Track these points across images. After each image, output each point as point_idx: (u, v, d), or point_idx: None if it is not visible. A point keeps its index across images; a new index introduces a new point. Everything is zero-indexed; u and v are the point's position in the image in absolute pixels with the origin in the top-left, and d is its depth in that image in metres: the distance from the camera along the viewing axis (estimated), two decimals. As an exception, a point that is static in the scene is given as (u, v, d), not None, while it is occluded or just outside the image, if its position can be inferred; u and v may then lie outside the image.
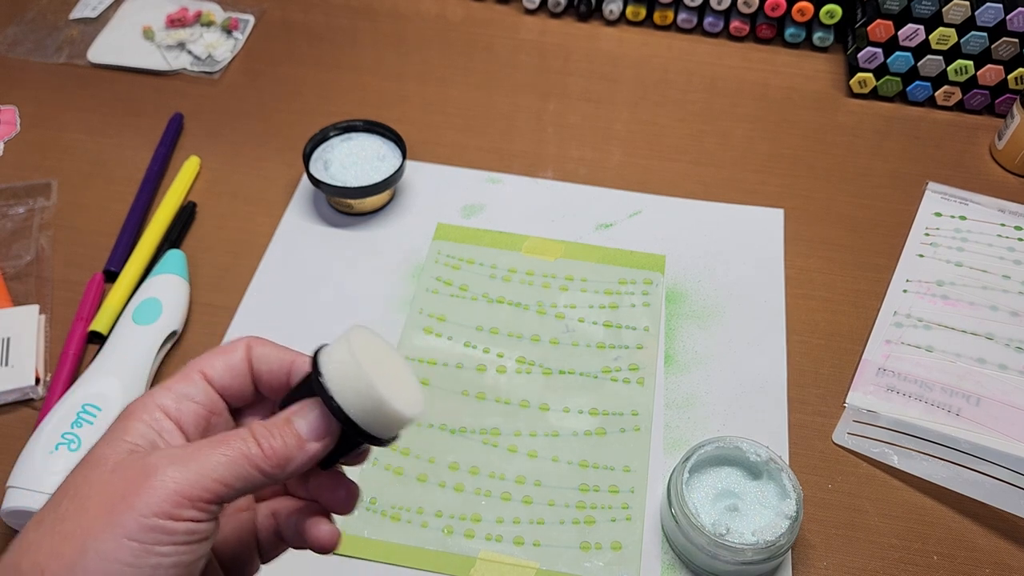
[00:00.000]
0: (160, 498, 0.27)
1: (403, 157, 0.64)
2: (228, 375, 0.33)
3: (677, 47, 0.81)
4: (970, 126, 0.74)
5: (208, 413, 0.32)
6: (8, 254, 0.62)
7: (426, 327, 0.59)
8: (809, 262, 0.63)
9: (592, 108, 0.75)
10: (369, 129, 0.66)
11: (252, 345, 0.34)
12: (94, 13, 0.81)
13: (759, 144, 0.72)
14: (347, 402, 0.30)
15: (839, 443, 0.54)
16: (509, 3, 0.84)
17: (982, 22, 0.69)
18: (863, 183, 0.69)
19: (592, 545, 0.49)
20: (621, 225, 0.65)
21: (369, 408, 0.30)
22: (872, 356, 0.58)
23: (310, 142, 0.65)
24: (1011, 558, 0.49)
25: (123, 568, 0.27)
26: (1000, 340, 0.58)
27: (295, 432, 0.30)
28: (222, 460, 0.29)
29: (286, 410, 0.31)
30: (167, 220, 0.64)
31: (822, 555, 0.49)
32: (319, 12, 0.83)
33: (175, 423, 0.31)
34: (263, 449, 0.30)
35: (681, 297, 0.61)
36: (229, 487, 0.29)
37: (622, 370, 0.57)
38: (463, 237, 0.64)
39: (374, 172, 0.63)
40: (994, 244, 0.64)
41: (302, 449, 0.30)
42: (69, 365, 0.55)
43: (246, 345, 0.34)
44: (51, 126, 0.72)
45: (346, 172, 0.63)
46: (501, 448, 0.53)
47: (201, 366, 0.33)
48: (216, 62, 0.77)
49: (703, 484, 0.48)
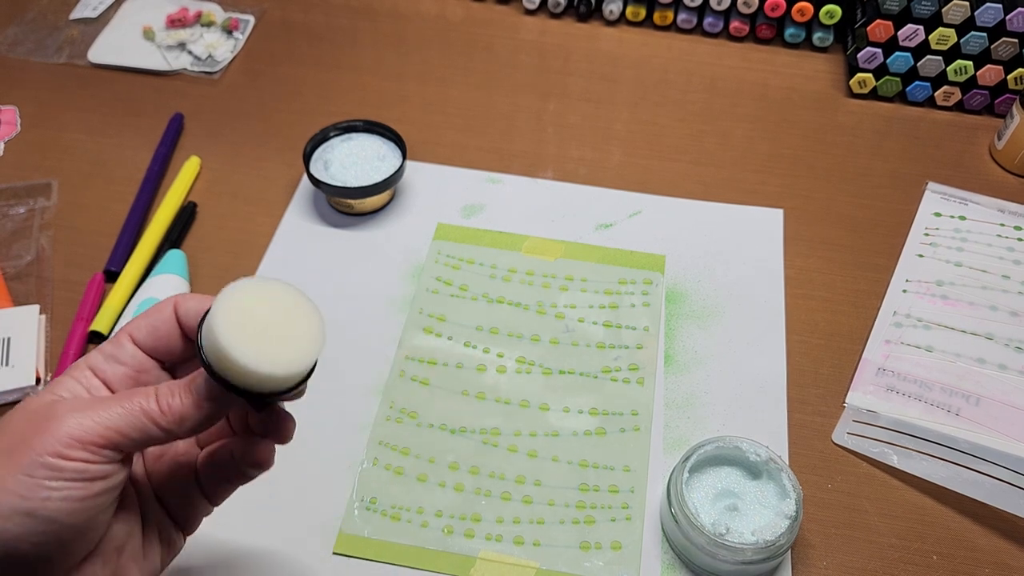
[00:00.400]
0: (55, 439, 0.31)
1: (403, 157, 0.64)
2: (152, 336, 0.36)
3: (677, 47, 0.81)
4: (970, 126, 0.74)
5: (136, 373, 0.36)
6: (9, 254, 0.62)
7: (426, 327, 0.59)
8: (809, 262, 0.64)
9: (592, 108, 0.75)
10: (369, 129, 0.66)
11: (179, 303, 0.36)
12: (94, 13, 0.81)
13: (759, 144, 0.72)
14: (217, 364, 0.32)
15: (839, 443, 0.54)
16: (509, 3, 0.84)
17: (982, 22, 0.69)
18: (863, 183, 0.69)
19: (592, 545, 0.49)
20: (621, 225, 0.65)
21: (233, 369, 0.31)
22: (872, 356, 0.58)
23: (310, 142, 0.65)
24: (1010, 558, 0.49)
25: (16, 499, 0.30)
26: (1000, 340, 0.58)
27: (194, 392, 0.33)
28: (120, 412, 0.32)
29: (195, 372, 0.34)
30: (167, 220, 0.64)
31: (822, 555, 0.49)
32: (319, 12, 0.83)
33: (102, 381, 0.35)
34: (160, 406, 0.33)
35: (681, 297, 0.61)
36: (125, 436, 0.32)
37: (622, 370, 0.57)
38: (463, 237, 0.64)
39: (374, 172, 0.63)
40: (993, 244, 0.64)
41: (199, 408, 0.33)
42: (69, 365, 0.55)
43: (173, 303, 0.36)
44: (51, 126, 0.72)
45: (346, 172, 0.63)
46: (501, 448, 0.53)
47: (129, 329, 0.36)
48: (216, 62, 0.77)
49: (703, 484, 0.48)
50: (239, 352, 0.31)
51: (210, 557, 0.48)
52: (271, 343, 0.32)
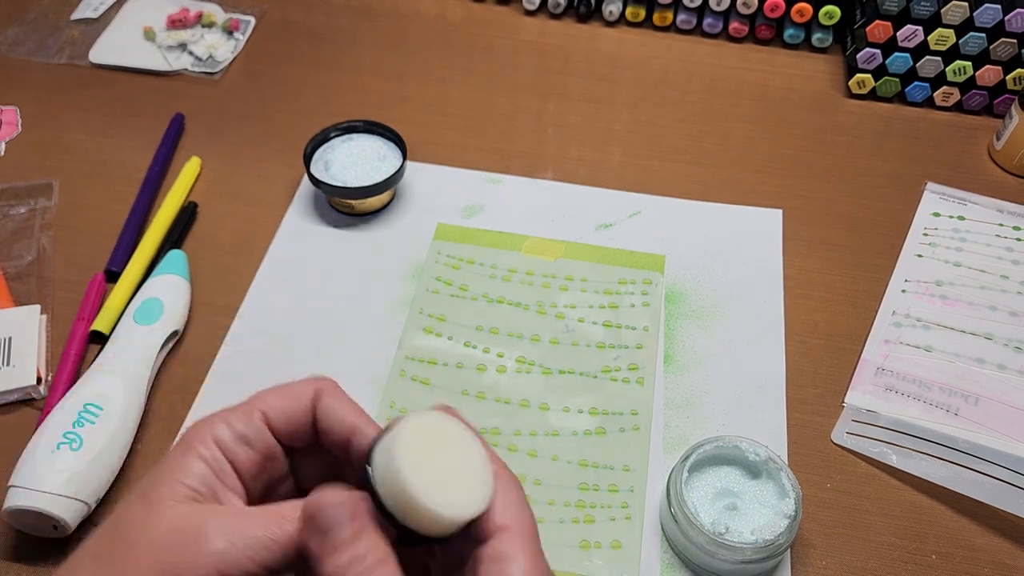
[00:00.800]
0: (201, 573, 0.28)
1: (403, 158, 0.65)
2: (289, 424, 0.32)
3: (676, 48, 0.81)
4: (969, 126, 0.74)
5: (264, 460, 0.32)
6: (9, 254, 0.62)
7: (426, 327, 0.59)
8: (808, 262, 0.64)
9: (592, 109, 0.75)
10: (369, 130, 0.66)
11: (321, 395, 0.32)
12: (95, 14, 0.81)
13: (758, 145, 0.72)
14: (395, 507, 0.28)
15: (838, 442, 0.54)
16: (509, 4, 0.85)
17: (981, 23, 0.69)
18: (862, 183, 0.69)
19: (592, 544, 0.49)
20: (621, 225, 0.65)
21: (410, 511, 0.28)
22: (871, 356, 0.58)
23: (311, 142, 0.65)
24: (1009, 557, 0.50)
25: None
26: (999, 340, 0.58)
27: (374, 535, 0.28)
28: (269, 545, 0.28)
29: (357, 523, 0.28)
30: (168, 220, 0.64)
31: (821, 554, 0.49)
32: (319, 13, 0.83)
33: (231, 463, 0.31)
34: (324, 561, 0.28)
35: (680, 297, 0.61)
36: (270, 571, 0.29)
37: (622, 370, 0.57)
38: (463, 237, 0.64)
39: (375, 172, 0.63)
40: (992, 244, 0.64)
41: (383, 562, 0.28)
42: (71, 365, 0.55)
43: (314, 394, 0.32)
44: (52, 126, 0.72)
45: (346, 172, 0.63)
46: (501, 447, 0.53)
47: (264, 406, 0.32)
48: (217, 63, 0.77)
49: (702, 483, 0.48)
50: (432, 502, 0.28)
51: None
52: (453, 487, 0.29)
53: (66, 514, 0.46)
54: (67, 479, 0.46)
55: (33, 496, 0.46)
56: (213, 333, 0.58)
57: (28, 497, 0.45)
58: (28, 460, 0.47)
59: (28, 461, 0.47)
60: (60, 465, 0.47)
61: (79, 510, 0.47)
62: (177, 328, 0.56)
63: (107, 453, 0.48)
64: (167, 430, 0.53)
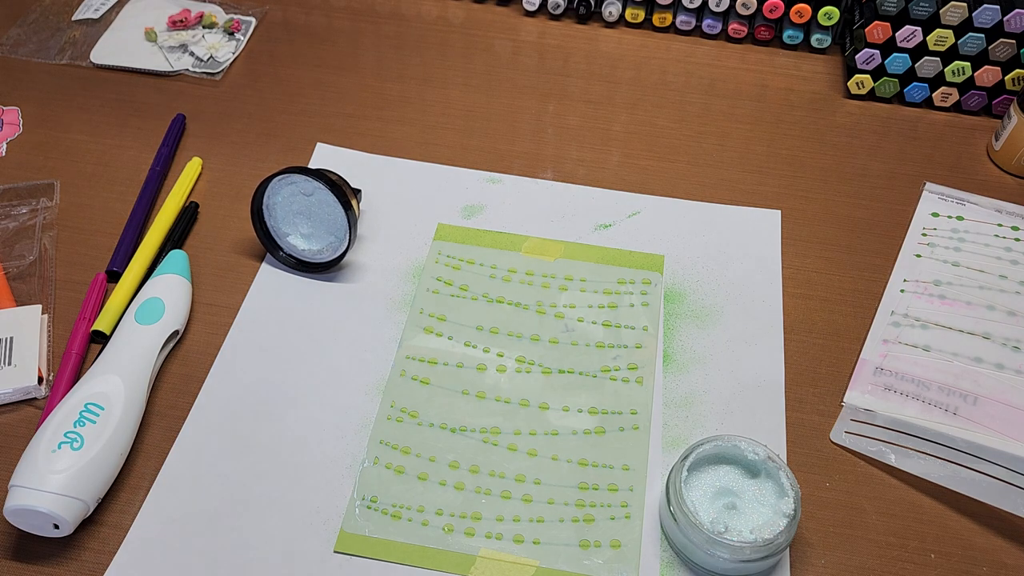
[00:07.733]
0: None
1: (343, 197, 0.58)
2: None
3: (676, 49, 0.81)
4: (967, 127, 0.74)
5: None
6: (11, 254, 0.62)
7: (426, 327, 0.59)
8: (807, 262, 0.64)
9: (591, 109, 0.75)
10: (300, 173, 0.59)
11: None
12: (96, 14, 0.82)
13: (757, 145, 0.72)
14: None
15: (837, 442, 0.54)
16: (509, 5, 0.85)
17: (979, 23, 0.70)
18: (861, 184, 0.69)
19: (591, 543, 0.49)
20: (620, 225, 0.66)
21: None
22: (870, 355, 0.58)
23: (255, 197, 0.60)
24: (1008, 556, 0.50)
25: None
26: (997, 339, 0.58)
27: None
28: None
29: None
30: (169, 220, 0.64)
31: (820, 553, 0.50)
32: (320, 14, 0.83)
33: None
34: None
35: (680, 297, 0.61)
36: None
37: (621, 369, 0.57)
38: (463, 237, 0.64)
39: (316, 212, 0.60)
40: (991, 244, 0.64)
41: None
42: (72, 364, 0.55)
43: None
44: (54, 127, 0.72)
45: (293, 221, 0.61)
46: (501, 447, 0.53)
47: None
48: (218, 63, 0.78)
49: (701, 482, 0.49)
50: None
51: (211, 556, 0.48)
52: None
53: (67, 514, 0.46)
54: (68, 479, 0.46)
55: (34, 496, 0.46)
56: (214, 333, 0.58)
57: (29, 497, 0.46)
58: (29, 460, 0.47)
59: (29, 461, 0.47)
60: (61, 465, 0.47)
61: (80, 510, 0.47)
62: (178, 328, 0.57)
63: (108, 453, 0.49)
64: (168, 430, 0.54)
